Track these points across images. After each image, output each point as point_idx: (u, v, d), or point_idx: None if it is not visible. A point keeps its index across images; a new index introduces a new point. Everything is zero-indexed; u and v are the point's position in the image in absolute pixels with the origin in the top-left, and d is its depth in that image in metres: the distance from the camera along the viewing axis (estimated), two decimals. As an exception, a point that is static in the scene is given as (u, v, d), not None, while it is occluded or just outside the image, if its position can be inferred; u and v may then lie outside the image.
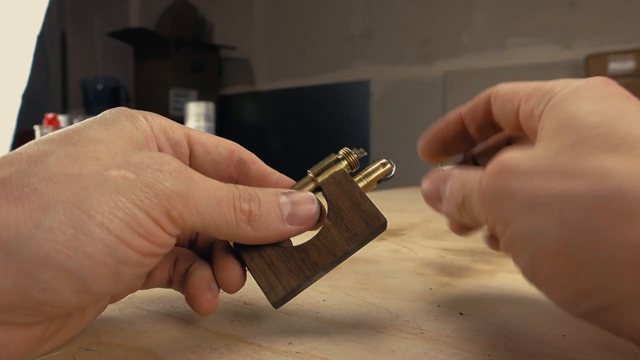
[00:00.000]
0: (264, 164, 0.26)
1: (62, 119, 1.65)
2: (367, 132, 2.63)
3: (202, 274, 0.23)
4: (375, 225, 0.22)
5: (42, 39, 3.83)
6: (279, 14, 3.06)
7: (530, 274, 0.17)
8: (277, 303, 0.22)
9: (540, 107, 0.21)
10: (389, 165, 0.25)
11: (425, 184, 0.24)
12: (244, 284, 0.23)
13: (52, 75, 3.95)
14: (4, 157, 0.18)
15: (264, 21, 3.13)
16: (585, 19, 2.13)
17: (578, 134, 0.17)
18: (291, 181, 0.25)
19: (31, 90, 3.65)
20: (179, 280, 0.24)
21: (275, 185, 0.25)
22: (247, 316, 0.25)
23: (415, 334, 0.23)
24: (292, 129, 2.94)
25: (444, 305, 0.27)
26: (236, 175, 0.25)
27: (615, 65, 1.95)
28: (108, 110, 0.22)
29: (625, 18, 2.04)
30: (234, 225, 0.20)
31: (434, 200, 0.23)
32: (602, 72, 1.97)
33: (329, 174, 0.24)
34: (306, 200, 0.23)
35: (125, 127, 0.21)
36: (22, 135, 3.14)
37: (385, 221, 0.22)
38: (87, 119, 0.21)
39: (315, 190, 0.24)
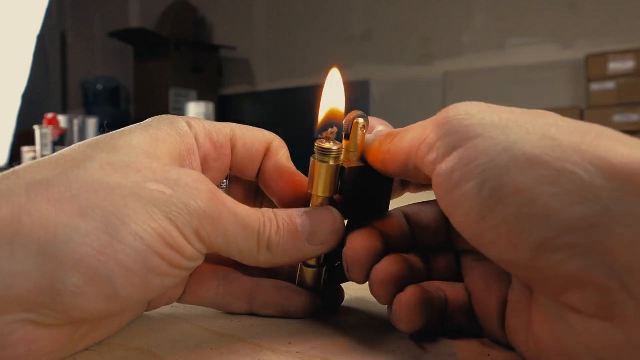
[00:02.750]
0: (285, 157, 0.25)
1: (62, 119, 1.66)
2: (367, 132, 2.63)
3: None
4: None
5: (42, 39, 3.82)
6: (279, 14, 3.06)
7: (488, 193, 0.16)
8: None
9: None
10: (363, 121, 0.23)
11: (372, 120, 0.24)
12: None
13: (52, 75, 3.95)
14: (50, 157, 0.19)
15: (264, 21, 3.13)
16: (585, 19, 2.13)
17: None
18: (303, 178, 0.24)
19: (31, 90, 3.65)
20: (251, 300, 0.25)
21: (286, 182, 0.25)
22: (247, 316, 0.25)
23: (416, 334, 0.23)
24: (292, 129, 2.94)
25: (444, 305, 0.27)
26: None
27: (615, 65, 1.95)
28: (153, 117, 0.22)
29: (625, 18, 2.04)
30: (255, 253, 0.20)
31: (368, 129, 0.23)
32: (602, 71, 1.97)
33: (332, 181, 0.23)
34: (326, 218, 0.22)
35: (169, 136, 0.21)
36: (22, 135, 3.14)
37: None
38: (133, 126, 0.21)
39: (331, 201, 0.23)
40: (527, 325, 0.19)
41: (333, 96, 0.24)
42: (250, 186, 0.27)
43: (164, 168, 0.19)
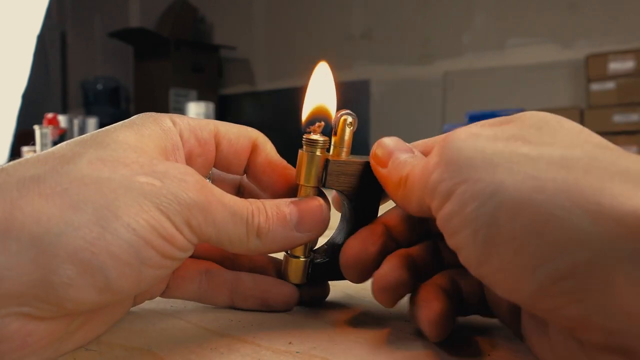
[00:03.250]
0: (273, 151, 0.26)
1: (62, 119, 1.65)
2: (367, 132, 2.63)
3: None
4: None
5: (42, 39, 3.82)
6: (279, 14, 3.06)
7: (482, 241, 0.16)
8: None
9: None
10: (351, 119, 0.24)
11: (384, 144, 0.23)
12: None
13: (52, 75, 3.95)
14: (38, 155, 0.19)
15: (264, 21, 3.13)
16: (585, 19, 2.13)
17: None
18: (294, 171, 0.25)
19: (31, 90, 3.65)
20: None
21: (279, 175, 0.25)
22: (247, 316, 0.25)
23: (416, 334, 0.23)
24: (292, 129, 2.94)
25: (444, 305, 0.27)
26: (249, 162, 0.26)
27: (615, 65, 1.95)
28: (137, 115, 0.22)
29: (625, 18, 2.04)
30: (244, 240, 0.21)
31: (380, 162, 0.23)
32: (602, 71, 1.97)
33: (317, 171, 0.24)
34: (313, 206, 0.23)
35: (154, 132, 0.22)
36: (22, 135, 3.14)
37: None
38: (117, 124, 0.22)
39: (320, 192, 0.24)
40: (543, 330, 0.19)
41: (321, 93, 0.25)
42: (231, 186, 0.28)
43: (151, 162, 0.19)
